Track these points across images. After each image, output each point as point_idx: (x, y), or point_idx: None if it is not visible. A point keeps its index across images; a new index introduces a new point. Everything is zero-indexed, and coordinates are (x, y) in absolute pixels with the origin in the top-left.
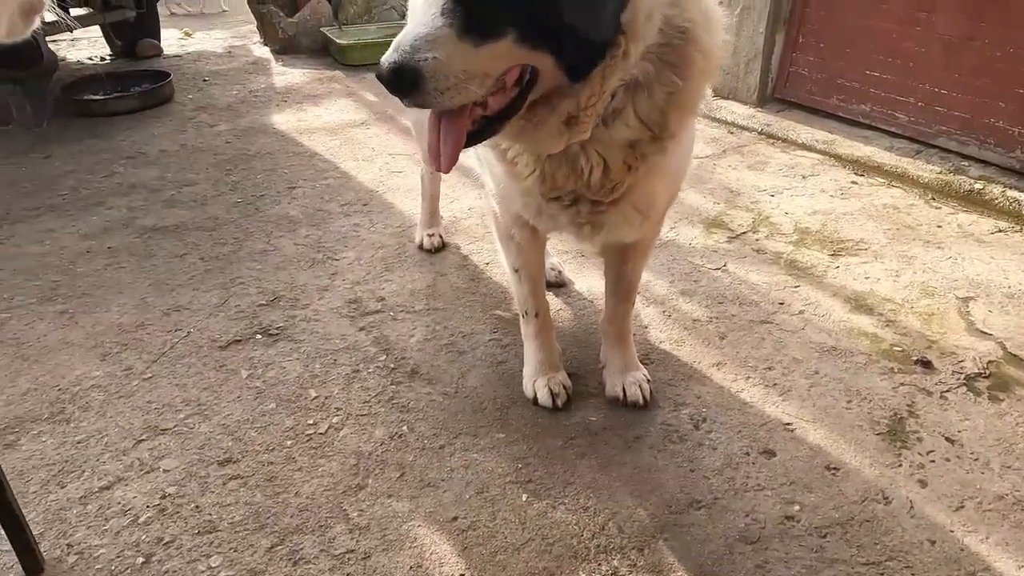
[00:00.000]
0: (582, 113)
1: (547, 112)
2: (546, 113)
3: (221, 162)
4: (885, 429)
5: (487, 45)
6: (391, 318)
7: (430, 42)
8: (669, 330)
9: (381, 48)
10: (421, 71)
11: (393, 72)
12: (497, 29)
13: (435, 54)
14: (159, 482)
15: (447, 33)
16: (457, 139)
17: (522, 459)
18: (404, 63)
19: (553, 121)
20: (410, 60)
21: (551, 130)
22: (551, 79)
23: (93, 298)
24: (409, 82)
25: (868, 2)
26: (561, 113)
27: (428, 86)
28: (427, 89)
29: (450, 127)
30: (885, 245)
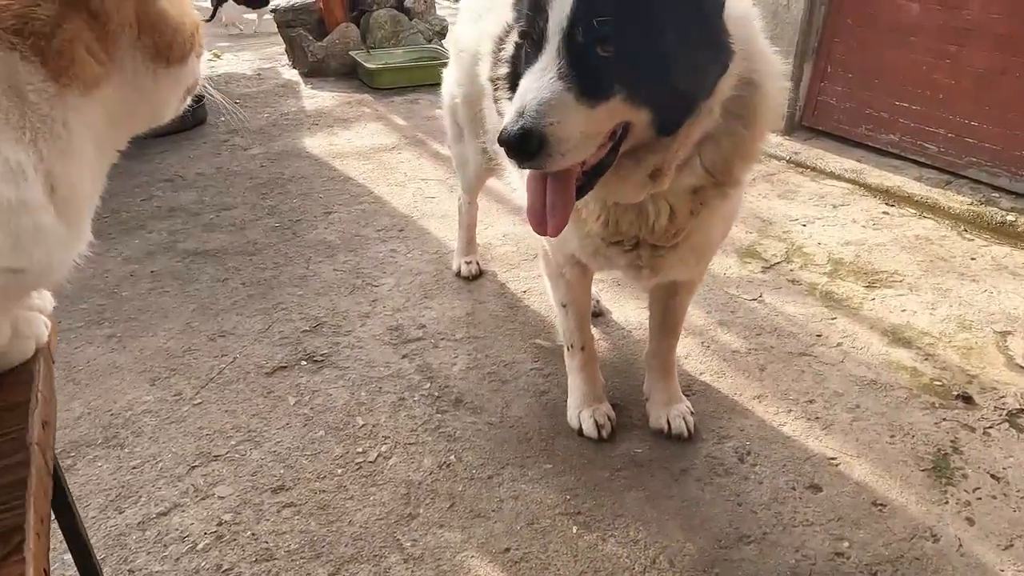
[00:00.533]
0: (666, 165)
1: (633, 165)
2: (632, 166)
3: (257, 186)
4: (930, 465)
5: (601, 106)
6: (432, 346)
7: (553, 107)
8: (709, 361)
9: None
10: (547, 136)
11: (520, 138)
12: (609, 90)
13: (558, 118)
14: (215, 509)
15: (567, 97)
16: (568, 200)
17: (570, 490)
18: (532, 129)
19: (639, 174)
20: (537, 126)
21: (636, 182)
22: (641, 134)
23: (139, 322)
24: (536, 147)
25: (897, 35)
26: (647, 166)
27: (552, 150)
28: (550, 152)
29: (559, 188)
30: (920, 277)
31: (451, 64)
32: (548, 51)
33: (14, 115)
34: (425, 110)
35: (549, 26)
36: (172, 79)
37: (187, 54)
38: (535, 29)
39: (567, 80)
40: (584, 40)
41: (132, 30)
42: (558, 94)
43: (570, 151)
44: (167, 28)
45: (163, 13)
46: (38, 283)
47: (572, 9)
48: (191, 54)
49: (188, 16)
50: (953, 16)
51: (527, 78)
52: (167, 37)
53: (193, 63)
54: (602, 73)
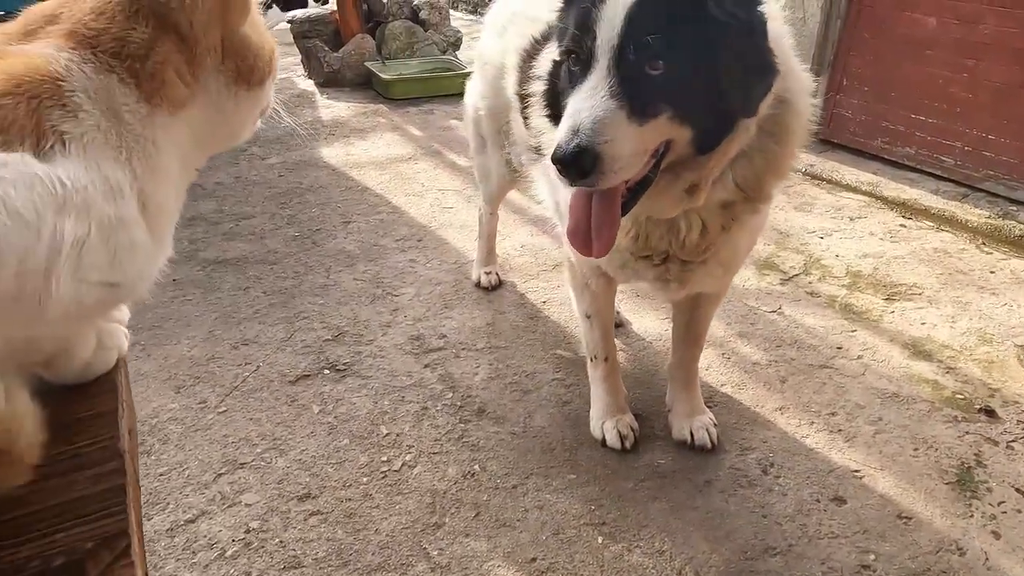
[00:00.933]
0: (703, 181)
1: (671, 181)
2: (670, 182)
3: (276, 195)
4: (954, 478)
5: (649, 123)
6: (454, 355)
7: (607, 125)
8: (730, 373)
9: (423, 83)
10: (601, 154)
11: (576, 156)
12: (658, 108)
13: (611, 136)
14: (242, 516)
15: (619, 115)
16: (614, 218)
17: (595, 500)
18: (588, 147)
19: (676, 189)
20: (592, 144)
21: (673, 198)
22: (681, 151)
23: (163, 330)
24: (591, 165)
25: (914, 49)
26: (685, 182)
27: (606, 167)
28: (603, 170)
29: (606, 206)
30: (939, 290)
31: (475, 76)
32: (598, 69)
33: (112, 135)
34: (440, 120)
35: (597, 44)
36: (251, 101)
37: (265, 77)
38: (582, 48)
39: (618, 98)
40: (635, 59)
41: (216, 54)
42: (611, 112)
43: (621, 168)
44: (249, 53)
45: (246, 39)
46: (129, 296)
47: (623, 28)
48: (269, 78)
49: (267, 41)
50: (970, 31)
51: (578, 96)
52: (248, 62)
53: (269, 86)
54: (651, 92)
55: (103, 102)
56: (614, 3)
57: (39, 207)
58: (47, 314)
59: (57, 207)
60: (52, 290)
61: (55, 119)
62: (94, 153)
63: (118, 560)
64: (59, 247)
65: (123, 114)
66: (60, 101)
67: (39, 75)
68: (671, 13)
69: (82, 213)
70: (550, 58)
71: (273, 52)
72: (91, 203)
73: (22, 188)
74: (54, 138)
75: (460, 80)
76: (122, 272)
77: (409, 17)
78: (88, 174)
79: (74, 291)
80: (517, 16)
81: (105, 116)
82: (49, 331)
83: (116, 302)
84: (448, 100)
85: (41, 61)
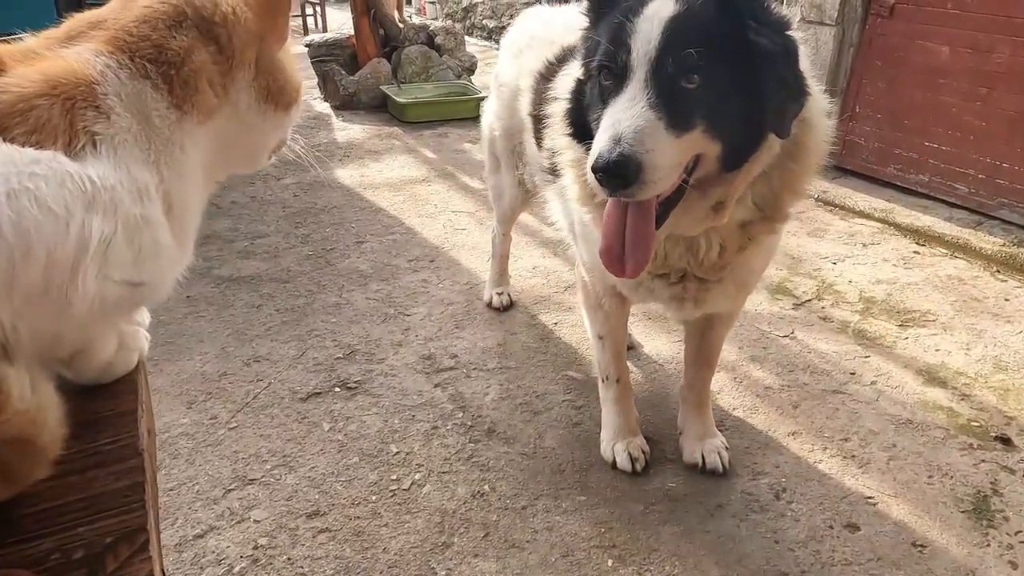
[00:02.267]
0: (729, 199)
1: (698, 197)
2: (697, 198)
3: (290, 215)
4: (970, 507)
5: (685, 136)
6: (465, 375)
7: (648, 134)
8: (742, 397)
9: (438, 106)
10: (643, 163)
11: (619, 164)
12: (693, 121)
13: (652, 146)
14: (250, 532)
15: (659, 126)
16: (650, 234)
17: (604, 523)
18: (631, 155)
19: (703, 206)
20: (635, 152)
21: (698, 215)
22: (708, 167)
23: (176, 346)
24: (633, 173)
25: (927, 77)
26: (711, 199)
27: (647, 177)
28: (644, 180)
29: (641, 220)
30: (953, 317)
31: (491, 98)
32: (634, 82)
33: (142, 139)
34: (454, 143)
35: (633, 57)
36: (274, 122)
37: (291, 103)
38: (616, 61)
39: (657, 109)
40: (673, 71)
41: (250, 71)
42: (651, 122)
43: (660, 179)
44: (281, 76)
45: (279, 62)
46: (152, 297)
47: (660, 41)
48: (294, 105)
49: (296, 74)
50: (984, 60)
51: (616, 107)
52: (279, 83)
53: (293, 116)
54: (687, 105)
55: (135, 106)
56: (649, 18)
57: (69, 203)
58: (73, 309)
59: (86, 204)
60: (79, 284)
61: (88, 120)
62: (123, 154)
63: (137, 555)
64: (87, 243)
65: (153, 118)
66: (94, 103)
67: (75, 78)
68: (707, 31)
69: (109, 211)
70: (571, 77)
71: (300, 85)
72: (119, 202)
73: (53, 184)
74: (86, 138)
75: (474, 104)
76: (146, 272)
77: (425, 42)
78: (117, 174)
79: (99, 288)
80: (534, 39)
81: (136, 119)
82: (73, 327)
83: (138, 302)
84: (462, 123)
85: (78, 64)
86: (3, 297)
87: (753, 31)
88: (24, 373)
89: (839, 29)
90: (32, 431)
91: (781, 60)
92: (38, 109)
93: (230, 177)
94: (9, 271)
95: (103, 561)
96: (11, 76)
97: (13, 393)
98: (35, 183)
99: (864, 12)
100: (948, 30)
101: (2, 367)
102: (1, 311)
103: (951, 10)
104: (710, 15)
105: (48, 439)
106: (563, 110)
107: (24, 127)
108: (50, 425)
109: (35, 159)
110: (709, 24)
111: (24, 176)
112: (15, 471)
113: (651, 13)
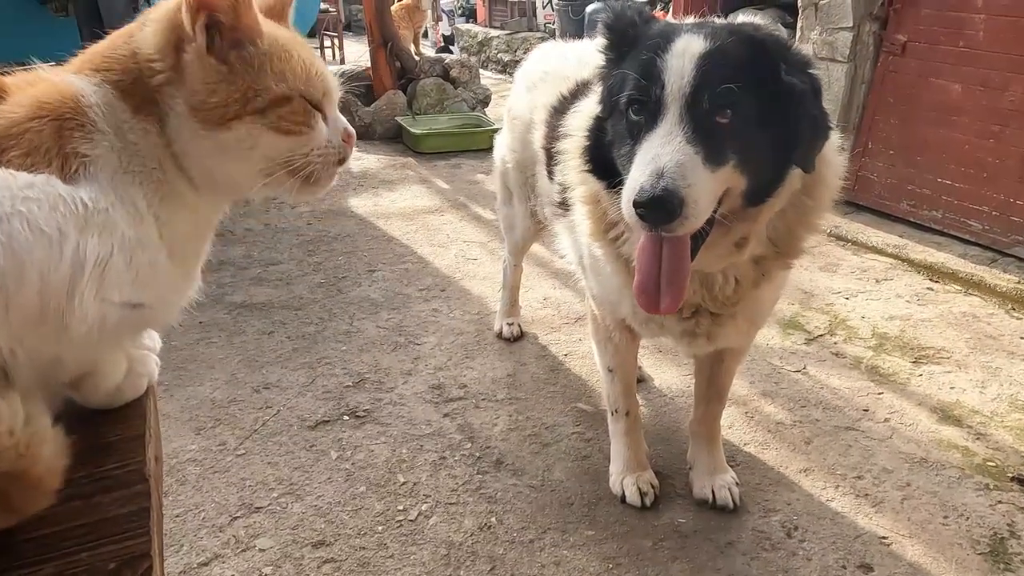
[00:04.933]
0: (752, 234)
1: (722, 234)
2: (722, 234)
3: (304, 242)
4: (986, 549)
5: (719, 171)
6: (474, 406)
7: (689, 169)
8: (753, 432)
9: (452, 138)
10: (686, 198)
11: (663, 199)
12: (726, 155)
13: (693, 181)
14: (255, 561)
15: (697, 160)
16: (685, 269)
17: (612, 559)
18: (675, 190)
19: (727, 242)
20: (678, 187)
21: (721, 251)
22: (732, 202)
23: (187, 372)
24: (677, 208)
25: (940, 114)
26: (735, 235)
27: (688, 211)
28: (687, 214)
29: (678, 255)
30: (968, 355)
31: (504, 130)
32: (669, 117)
33: (124, 157)
34: (467, 174)
35: (667, 92)
36: (212, 143)
37: (223, 120)
38: (649, 96)
39: (694, 144)
40: (708, 106)
41: (179, 86)
42: (690, 157)
43: (700, 213)
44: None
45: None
46: (155, 321)
47: (695, 75)
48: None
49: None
50: (997, 98)
51: (652, 142)
52: (200, 96)
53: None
54: (721, 140)
55: (111, 119)
56: (680, 54)
57: (62, 226)
58: (71, 332)
59: (80, 226)
60: (76, 307)
61: (76, 141)
62: (112, 175)
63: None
64: (82, 265)
65: (126, 132)
66: (80, 121)
67: (60, 96)
68: (739, 68)
69: (104, 233)
70: (584, 115)
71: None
72: (113, 224)
73: (46, 207)
74: (77, 161)
75: (488, 136)
76: (145, 293)
77: (440, 75)
78: (108, 196)
79: (97, 309)
80: (548, 74)
81: (116, 136)
82: (74, 351)
83: (140, 325)
84: (476, 155)
85: (62, 84)
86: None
87: (785, 71)
88: (17, 406)
89: (851, 66)
90: (23, 465)
91: (810, 99)
92: (30, 133)
93: (245, 205)
94: (3, 294)
95: None
96: (7, 103)
97: (1, 427)
98: (27, 206)
99: (876, 50)
100: (960, 68)
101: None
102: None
103: (963, 48)
104: (741, 53)
105: (43, 471)
106: (580, 146)
107: (18, 150)
108: (45, 457)
109: (29, 183)
110: (740, 62)
111: (17, 200)
112: (11, 502)
113: (681, 50)
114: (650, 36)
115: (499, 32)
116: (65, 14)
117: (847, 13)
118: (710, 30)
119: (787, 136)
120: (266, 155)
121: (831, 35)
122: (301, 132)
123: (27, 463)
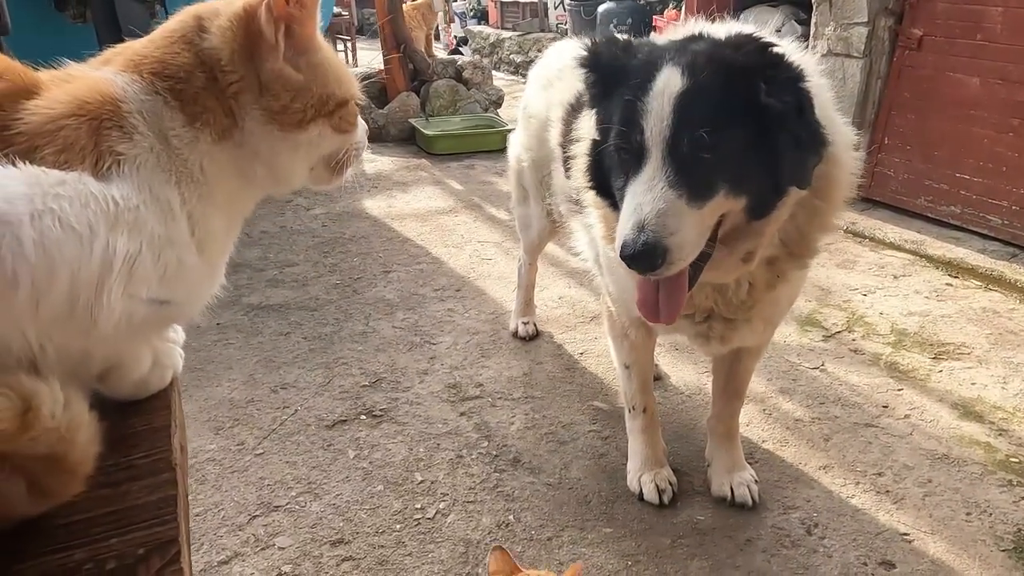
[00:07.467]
0: (758, 247)
1: (727, 253)
2: (727, 253)
3: (319, 244)
4: (1010, 545)
5: (707, 204)
6: (490, 404)
7: (671, 217)
8: (771, 429)
9: (465, 139)
10: (669, 247)
11: (645, 254)
12: (715, 187)
13: (676, 227)
14: (275, 559)
15: (680, 204)
16: (682, 290)
17: (631, 556)
18: (656, 243)
19: (733, 258)
20: (660, 239)
21: (728, 267)
22: (735, 220)
23: (205, 373)
24: (659, 259)
25: (957, 109)
26: (740, 250)
27: (674, 257)
28: (672, 260)
29: (674, 287)
30: (988, 350)
31: (519, 129)
32: (651, 162)
33: (163, 159)
34: (480, 175)
35: (647, 137)
36: (286, 144)
37: (302, 123)
38: (631, 142)
39: (677, 188)
40: (688, 148)
41: (254, 91)
42: (672, 203)
43: (685, 257)
44: (283, 93)
45: (282, 76)
46: (179, 317)
47: (673, 119)
48: (312, 124)
49: (321, 86)
50: (1015, 91)
51: (635, 189)
52: (281, 101)
53: (312, 135)
54: (707, 174)
55: (155, 124)
56: (659, 94)
57: (93, 223)
58: (99, 327)
59: (110, 224)
60: (104, 303)
61: (113, 140)
62: (147, 174)
63: (168, 566)
64: (111, 262)
65: (171, 138)
66: (118, 123)
67: (100, 96)
68: (718, 102)
69: (134, 231)
70: (590, 128)
71: (324, 102)
72: (143, 222)
73: (77, 205)
74: (111, 159)
75: (501, 137)
76: (172, 290)
77: (453, 76)
78: (140, 194)
79: (125, 306)
80: (563, 71)
81: (158, 139)
82: (101, 345)
83: (166, 321)
84: (489, 156)
85: (103, 83)
86: (29, 316)
87: (764, 93)
88: (58, 390)
89: (867, 61)
90: (62, 448)
91: (792, 118)
92: (66, 130)
93: (260, 207)
94: (34, 290)
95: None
96: (42, 99)
97: (44, 410)
98: (59, 204)
99: (892, 45)
100: (978, 62)
101: (34, 384)
102: (28, 329)
103: (980, 42)
104: (719, 84)
105: (79, 456)
106: (585, 162)
107: (53, 147)
108: (81, 443)
109: (60, 180)
110: (719, 95)
111: (49, 197)
112: (47, 487)
113: (660, 89)
114: (633, 71)
115: (511, 33)
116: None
117: (862, 8)
118: (690, 59)
119: (773, 158)
120: (325, 152)
121: (846, 30)
122: (351, 130)
123: (66, 447)
